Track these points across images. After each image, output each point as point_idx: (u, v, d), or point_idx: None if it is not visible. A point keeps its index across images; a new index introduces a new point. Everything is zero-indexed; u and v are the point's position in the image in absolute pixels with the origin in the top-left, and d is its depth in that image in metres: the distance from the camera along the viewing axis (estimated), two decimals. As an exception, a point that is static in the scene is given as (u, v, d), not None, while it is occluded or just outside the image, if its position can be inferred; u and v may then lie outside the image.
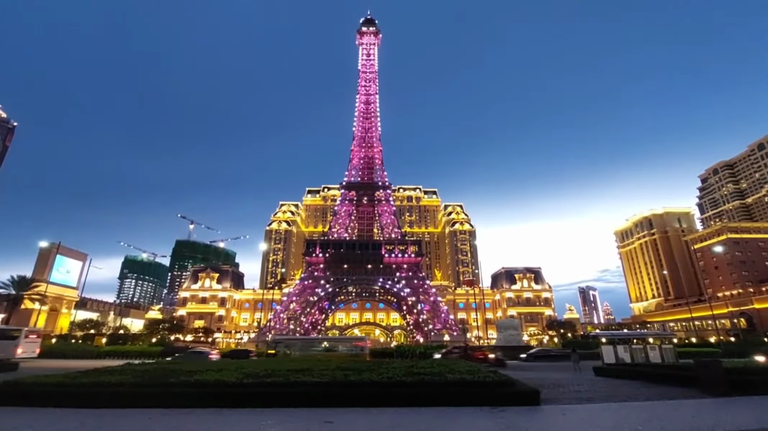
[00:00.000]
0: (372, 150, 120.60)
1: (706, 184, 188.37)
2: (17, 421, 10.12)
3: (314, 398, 12.45)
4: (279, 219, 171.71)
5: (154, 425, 9.66)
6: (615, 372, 23.45)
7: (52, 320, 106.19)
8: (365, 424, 9.71)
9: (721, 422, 9.75)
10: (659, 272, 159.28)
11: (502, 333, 60.45)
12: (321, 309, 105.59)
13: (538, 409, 12.01)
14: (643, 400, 13.84)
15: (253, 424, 9.79)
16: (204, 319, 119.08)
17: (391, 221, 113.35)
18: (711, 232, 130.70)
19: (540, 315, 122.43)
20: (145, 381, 13.95)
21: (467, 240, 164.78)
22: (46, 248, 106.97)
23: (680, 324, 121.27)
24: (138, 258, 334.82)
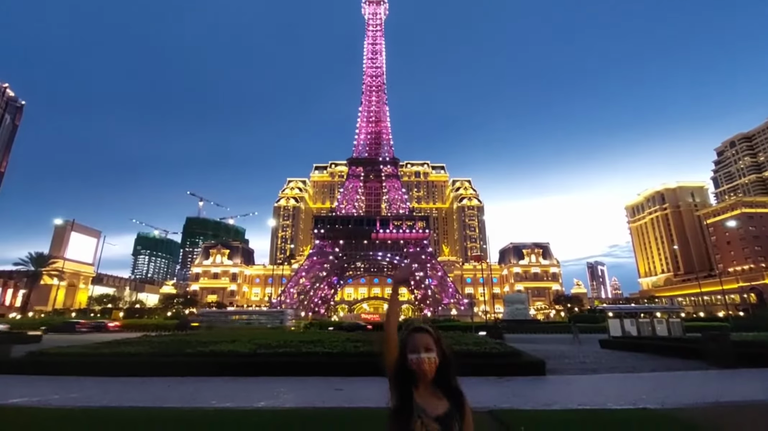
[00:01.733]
0: (379, 125, 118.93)
1: (722, 157, 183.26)
2: (43, 389, 10.62)
3: (325, 367, 12.83)
4: (287, 195, 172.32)
5: (172, 392, 10.06)
6: (621, 345, 23.65)
7: (70, 295, 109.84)
8: (373, 391, 10.01)
9: (725, 392, 9.84)
10: (669, 247, 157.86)
11: (508, 307, 61.12)
12: (330, 284, 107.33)
13: (543, 379, 12.23)
14: (648, 371, 14.00)
15: (267, 391, 10.16)
16: (216, 294, 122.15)
17: (398, 197, 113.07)
18: (725, 207, 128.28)
19: (547, 290, 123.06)
20: (162, 352, 14.50)
21: (475, 216, 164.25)
22: (60, 225, 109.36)
23: (689, 299, 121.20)
24: (150, 235, 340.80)
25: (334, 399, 9.06)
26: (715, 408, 8.14)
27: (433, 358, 2.06)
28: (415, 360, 2.05)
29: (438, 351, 2.09)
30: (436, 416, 1.96)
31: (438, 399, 2.03)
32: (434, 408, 2.00)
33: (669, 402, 8.58)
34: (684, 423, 6.83)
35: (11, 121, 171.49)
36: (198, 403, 8.67)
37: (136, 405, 8.45)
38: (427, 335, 2.12)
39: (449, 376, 2.10)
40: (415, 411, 1.97)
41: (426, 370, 2.04)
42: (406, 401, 2.01)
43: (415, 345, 2.09)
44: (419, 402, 2.00)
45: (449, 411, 1.99)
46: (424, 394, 2.05)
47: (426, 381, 2.07)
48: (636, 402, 8.69)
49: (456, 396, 2.05)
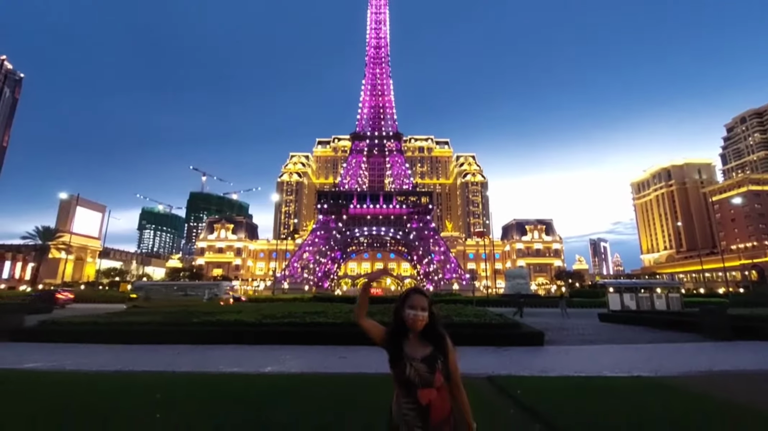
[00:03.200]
0: (383, 98, 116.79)
1: (732, 134, 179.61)
2: (56, 355, 11.01)
3: (329, 337, 13.18)
4: (290, 170, 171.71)
5: (182, 358, 10.42)
6: (619, 319, 24.03)
7: (78, 269, 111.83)
8: (375, 359, 10.33)
9: (718, 362, 10.07)
10: (673, 224, 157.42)
11: (510, 282, 61.84)
12: (333, 259, 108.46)
13: (542, 349, 12.54)
14: (644, 343, 14.30)
15: (273, 357, 10.50)
16: (222, 268, 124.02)
17: (402, 172, 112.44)
18: (732, 184, 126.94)
19: (549, 266, 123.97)
20: (170, 321, 14.92)
21: (479, 192, 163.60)
22: (66, 200, 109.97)
23: (690, 276, 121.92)
24: (155, 209, 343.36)
25: (338, 366, 9.37)
26: (707, 377, 8.37)
27: (425, 316, 2.50)
28: (412, 315, 2.48)
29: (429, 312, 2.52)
30: (421, 358, 2.39)
31: (423, 346, 2.46)
32: (420, 352, 2.43)
33: (662, 371, 8.82)
34: (674, 390, 7.05)
35: (11, 94, 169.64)
36: (207, 368, 9.00)
37: (147, 370, 8.78)
38: (424, 297, 2.56)
39: (434, 328, 2.54)
40: (405, 358, 2.39)
41: (418, 325, 2.49)
42: (398, 352, 2.44)
43: (414, 303, 2.51)
44: (407, 350, 2.43)
45: (432, 353, 2.42)
46: (413, 344, 2.48)
47: (415, 333, 2.52)
48: (630, 371, 8.93)
49: (439, 340, 2.48)
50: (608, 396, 6.56)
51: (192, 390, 6.94)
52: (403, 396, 2.26)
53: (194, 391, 6.84)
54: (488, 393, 6.87)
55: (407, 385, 2.27)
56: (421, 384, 2.25)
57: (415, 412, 2.18)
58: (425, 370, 2.32)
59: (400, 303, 2.58)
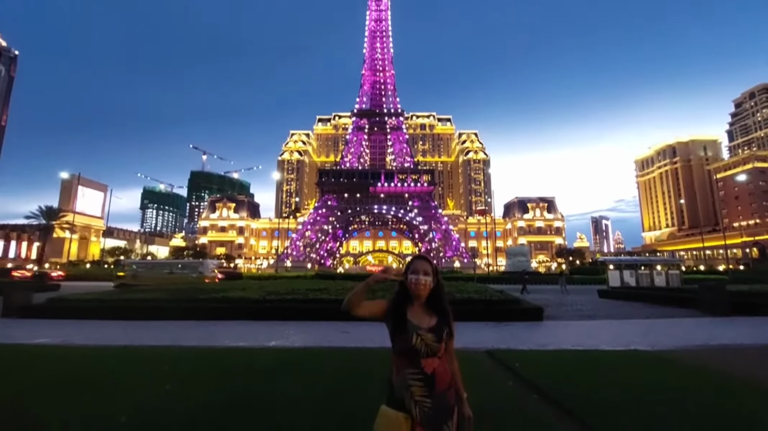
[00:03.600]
0: (384, 74, 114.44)
1: (740, 109, 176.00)
2: (66, 330, 11.26)
3: (331, 313, 13.37)
4: (290, 149, 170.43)
5: (188, 333, 10.65)
6: (619, 295, 24.28)
7: (83, 248, 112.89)
8: (377, 333, 10.53)
9: (715, 337, 10.22)
10: (676, 202, 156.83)
11: (511, 260, 62.30)
12: (335, 237, 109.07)
13: (541, 324, 12.75)
14: (643, 318, 14.50)
15: (277, 332, 10.73)
16: (225, 247, 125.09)
17: (403, 150, 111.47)
18: (737, 161, 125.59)
19: (550, 243, 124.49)
20: (176, 298, 15.16)
21: (481, 170, 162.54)
22: (67, 179, 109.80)
23: (690, 253, 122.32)
24: (156, 189, 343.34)
25: (341, 340, 9.56)
26: (704, 351, 8.51)
27: (429, 281, 2.37)
28: (414, 280, 2.36)
29: (433, 278, 2.40)
30: (428, 328, 2.30)
31: (429, 316, 2.36)
32: (425, 322, 2.33)
33: (659, 345, 8.97)
34: (671, 362, 7.19)
35: (6, 72, 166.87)
36: (213, 342, 9.21)
37: (155, 344, 8.99)
38: (427, 262, 2.45)
39: (440, 298, 2.43)
40: (411, 328, 2.28)
41: (421, 290, 2.36)
42: (401, 321, 2.32)
43: (416, 268, 2.40)
44: (413, 319, 2.33)
45: (438, 323, 2.34)
46: (417, 313, 2.37)
47: (420, 302, 2.40)
48: (628, 345, 9.09)
49: (444, 314, 2.39)
50: (605, 368, 6.70)
51: (198, 363, 7.12)
52: (407, 366, 2.20)
53: (201, 364, 7.02)
54: (488, 366, 7.03)
55: (412, 355, 2.22)
56: (427, 354, 2.22)
57: (421, 382, 2.16)
58: (433, 340, 2.25)
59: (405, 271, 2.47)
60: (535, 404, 4.96)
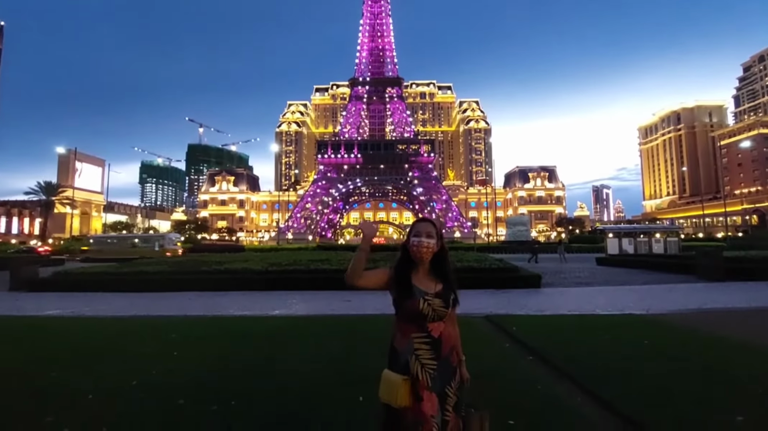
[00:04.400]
0: (382, 40, 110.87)
1: (749, 73, 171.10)
2: (74, 302, 11.53)
3: (333, 283, 13.60)
4: (288, 120, 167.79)
5: (193, 303, 10.91)
6: (616, 262, 24.60)
7: (85, 223, 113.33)
8: (379, 301, 10.78)
9: (709, 301, 10.45)
10: (678, 170, 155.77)
11: (510, 229, 62.71)
12: (335, 209, 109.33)
13: (539, 291, 13.01)
14: (639, 284, 14.76)
15: (280, 302, 10.99)
16: (226, 220, 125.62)
17: (403, 119, 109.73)
18: (742, 127, 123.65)
19: (551, 213, 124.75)
20: (180, 270, 15.42)
21: (482, 139, 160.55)
22: (64, 154, 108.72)
23: (690, 221, 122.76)
24: (154, 163, 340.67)
25: (343, 308, 9.80)
26: (696, 314, 8.73)
27: (432, 244, 2.25)
28: (416, 242, 2.24)
29: (437, 241, 2.28)
30: (435, 293, 2.23)
31: (434, 281, 2.28)
32: (432, 287, 2.25)
33: (653, 309, 9.19)
34: (664, 325, 7.39)
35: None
36: (218, 312, 9.45)
37: (161, 314, 9.23)
38: (431, 225, 2.32)
39: (445, 263, 2.33)
40: (417, 293, 2.20)
41: (424, 253, 2.24)
42: (407, 287, 2.23)
43: (419, 230, 2.28)
44: (419, 285, 2.23)
45: (445, 288, 2.27)
46: (422, 278, 2.27)
47: (424, 267, 2.29)
48: (623, 309, 9.32)
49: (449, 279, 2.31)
50: (599, 331, 6.90)
51: (205, 330, 7.35)
52: (415, 331, 2.17)
53: (207, 332, 7.24)
54: (486, 330, 7.24)
55: (419, 320, 2.18)
56: (434, 318, 2.19)
57: (428, 345, 2.15)
58: (440, 305, 2.20)
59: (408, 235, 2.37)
60: (530, 363, 5.17)
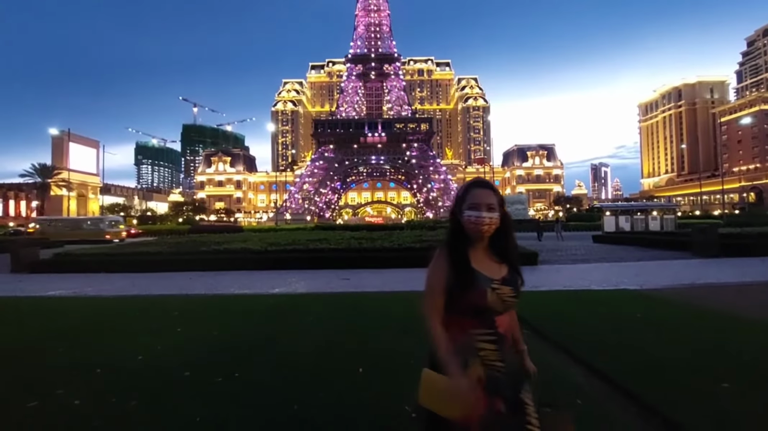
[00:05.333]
0: (379, 14, 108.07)
1: (752, 48, 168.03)
2: (76, 283, 11.64)
3: (332, 262, 13.79)
4: (284, 99, 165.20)
5: (194, 282, 11.04)
6: (613, 240, 24.80)
7: (82, 205, 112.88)
8: (377, 279, 10.94)
9: (702, 276, 10.64)
10: (677, 147, 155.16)
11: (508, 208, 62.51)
12: (333, 189, 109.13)
13: (535, 268, 13.19)
14: (634, 261, 14.97)
15: (280, 280, 11.13)
16: (224, 201, 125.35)
17: (400, 97, 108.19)
18: (743, 103, 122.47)
19: (549, 191, 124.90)
20: (180, 250, 15.51)
21: (480, 117, 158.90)
22: (57, 136, 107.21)
23: (688, 198, 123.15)
24: (149, 144, 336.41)
25: (342, 286, 9.95)
26: (689, 289, 8.90)
27: (495, 219, 1.73)
28: (474, 218, 1.70)
29: (499, 213, 1.76)
30: (501, 278, 1.73)
31: (497, 263, 1.77)
32: (496, 272, 1.74)
33: (647, 285, 9.36)
34: (657, 299, 7.56)
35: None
36: (219, 291, 9.59)
37: (163, 293, 9.36)
38: (491, 192, 1.77)
39: (509, 238, 1.82)
40: (482, 280, 1.69)
41: (485, 231, 1.72)
42: (466, 273, 1.69)
43: (476, 201, 1.73)
44: (482, 270, 1.71)
45: (511, 272, 1.78)
46: (482, 259, 1.76)
47: (482, 244, 1.77)
48: (617, 285, 9.49)
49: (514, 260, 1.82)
50: (593, 305, 7.06)
51: (206, 308, 7.48)
52: (478, 326, 1.67)
53: (208, 309, 7.38)
54: (482, 305, 7.39)
55: (484, 314, 1.68)
56: (502, 310, 1.71)
57: (494, 343, 1.67)
58: (511, 294, 1.72)
59: (455, 205, 1.81)
60: (526, 337, 5.30)
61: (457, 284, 1.68)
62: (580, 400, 3.38)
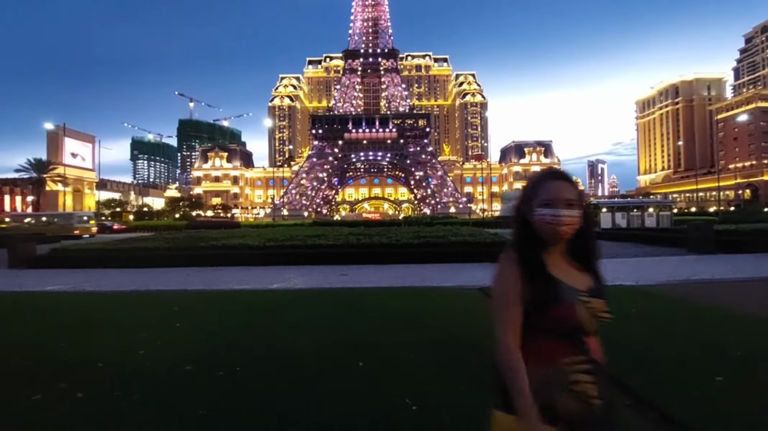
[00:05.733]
0: (377, 9, 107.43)
1: (750, 45, 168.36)
2: (74, 278, 11.62)
3: (330, 257, 13.82)
4: (281, 94, 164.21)
5: (193, 278, 11.05)
6: (609, 236, 24.92)
7: (78, 200, 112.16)
8: (375, 275, 10.99)
9: (697, 272, 10.76)
10: (674, 144, 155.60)
11: (506, 205, 63.18)
12: (331, 185, 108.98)
13: (532, 264, 13.26)
14: (630, 257, 15.08)
15: (278, 276, 11.16)
16: (221, 197, 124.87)
17: (398, 93, 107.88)
18: (740, 100, 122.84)
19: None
20: (178, 246, 15.49)
21: (478, 113, 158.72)
22: (52, 130, 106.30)
23: (683, 195, 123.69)
24: (145, 139, 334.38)
25: (340, 282, 9.99)
26: (683, 285, 9.01)
27: (576, 217, 1.39)
28: (551, 218, 1.36)
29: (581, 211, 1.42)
30: (589, 289, 1.39)
31: (576, 269, 1.44)
32: (580, 280, 1.41)
33: (643, 281, 9.46)
34: (653, 295, 7.66)
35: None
36: (218, 286, 9.61)
37: (161, 289, 9.37)
38: (570, 186, 1.42)
39: (590, 242, 1.48)
40: (568, 293, 1.35)
41: (564, 233, 1.38)
42: (545, 283, 1.35)
43: (554, 196, 1.39)
44: (565, 280, 1.38)
45: (596, 280, 1.44)
46: (560, 265, 1.42)
47: (559, 249, 1.43)
48: (614, 281, 9.55)
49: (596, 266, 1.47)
50: (590, 301, 7.13)
51: (205, 303, 7.52)
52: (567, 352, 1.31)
53: (208, 304, 7.41)
54: (480, 301, 7.46)
55: (574, 334, 1.33)
56: (592, 330, 1.37)
57: (590, 373, 1.30)
58: (603, 308, 1.38)
59: (522, 201, 1.49)
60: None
61: (537, 297, 1.33)
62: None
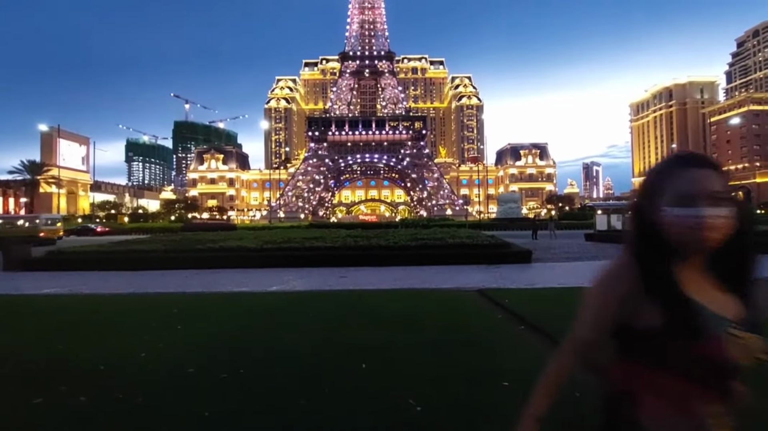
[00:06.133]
0: (373, 11, 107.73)
1: (742, 49, 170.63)
2: (70, 281, 11.56)
3: (328, 260, 13.84)
4: (277, 96, 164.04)
5: (191, 281, 11.03)
6: (604, 238, 25.10)
7: (72, 202, 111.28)
8: (374, 277, 11.03)
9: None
10: (668, 146, 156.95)
11: (502, 206, 63.40)
12: (327, 187, 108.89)
13: (529, 266, 13.38)
14: (626, 258, 15.21)
15: (277, 278, 11.15)
16: (216, 199, 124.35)
17: (394, 95, 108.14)
18: (732, 104, 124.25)
19: (541, 190, 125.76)
20: (174, 248, 15.43)
21: (474, 116, 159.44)
22: (46, 132, 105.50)
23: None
24: (140, 141, 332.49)
25: (339, 284, 10.02)
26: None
27: (728, 218, 0.98)
28: (694, 220, 0.96)
29: (733, 213, 1.00)
30: (739, 318, 1.00)
31: (719, 290, 1.03)
32: (727, 306, 1.01)
33: (639, 281, 9.55)
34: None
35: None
36: (216, 289, 9.60)
37: (160, 291, 9.35)
38: (714, 172, 1.03)
39: (745, 255, 1.05)
40: (708, 321, 0.97)
41: (710, 240, 0.97)
42: (679, 307, 0.98)
43: (691, 190, 0.99)
44: (702, 301, 1.00)
45: (749, 306, 1.03)
46: (699, 284, 1.03)
47: (697, 262, 1.03)
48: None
49: (746, 290, 1.04)
50: (587, 302, 7.21)
51: (205, 306, 7.51)
52: (707, 399, 0.97)
53: (207, 307, 7.40)
54: (479, 303, 7.52)
55: (717, 377, 0.97)
56: (737, 371, 0.98)
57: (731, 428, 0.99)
58: (759, 346, 0.97)
59: (643, 196, 1.11)
60: (521, 332, 5.45)
61: (669, 327, 0.97)
62: (578, 392, 3.49)
